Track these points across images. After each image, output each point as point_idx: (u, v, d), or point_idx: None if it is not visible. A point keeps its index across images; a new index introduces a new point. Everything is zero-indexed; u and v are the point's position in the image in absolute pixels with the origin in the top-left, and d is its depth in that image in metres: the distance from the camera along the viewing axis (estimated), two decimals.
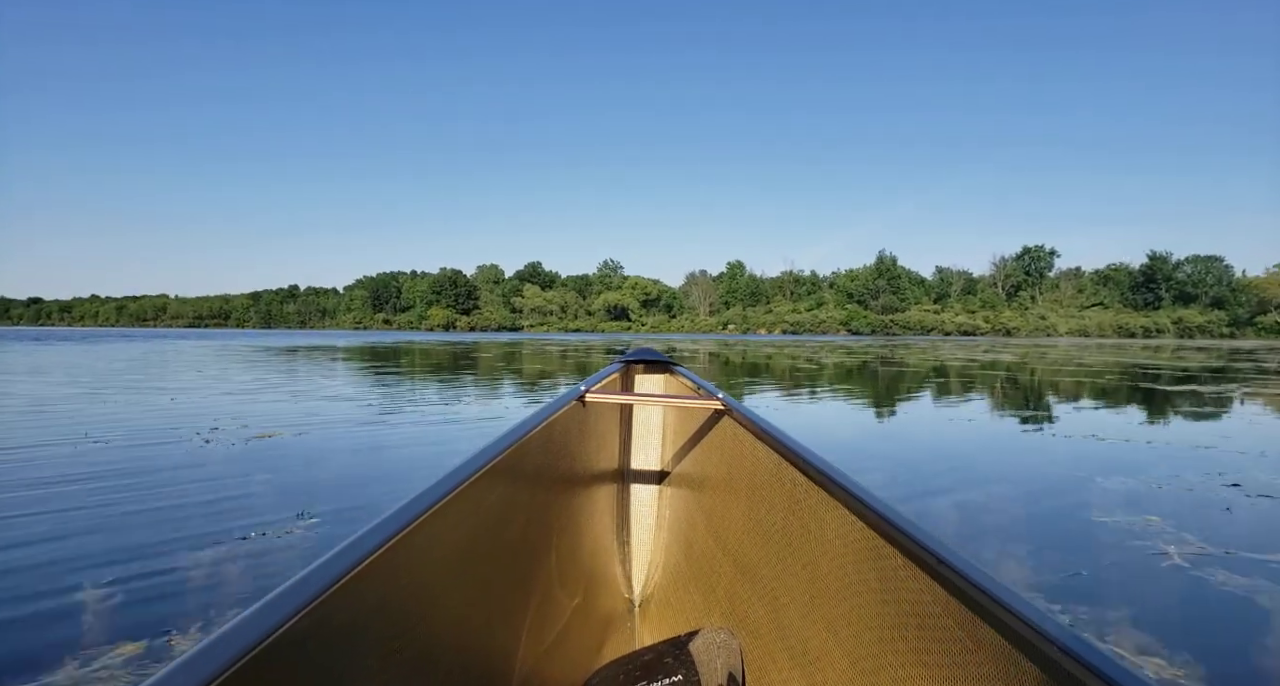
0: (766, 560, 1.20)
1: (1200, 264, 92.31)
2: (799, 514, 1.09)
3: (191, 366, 12.89)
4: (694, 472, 1.67)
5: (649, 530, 1.89)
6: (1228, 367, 15.19)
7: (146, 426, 5.25)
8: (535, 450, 1.20)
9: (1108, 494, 3.27)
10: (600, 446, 1.71)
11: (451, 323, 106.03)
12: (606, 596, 1.63)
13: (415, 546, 0.76)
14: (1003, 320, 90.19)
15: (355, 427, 5.28)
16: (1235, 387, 9.64)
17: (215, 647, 0.51)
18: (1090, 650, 0.57)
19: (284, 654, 0.55)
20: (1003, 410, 6.80)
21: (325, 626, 0.61)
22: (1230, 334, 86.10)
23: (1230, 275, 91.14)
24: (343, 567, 0.64)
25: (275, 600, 0.57)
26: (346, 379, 10.26)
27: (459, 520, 0.88)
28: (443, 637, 0.84)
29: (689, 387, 1.85)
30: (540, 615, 1.19)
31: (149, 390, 8.17)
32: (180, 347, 22.78)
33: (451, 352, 20.22)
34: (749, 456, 1.32)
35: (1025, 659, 0.61)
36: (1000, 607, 0.65)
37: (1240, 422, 6.02)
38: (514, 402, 7.15)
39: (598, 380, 1.72)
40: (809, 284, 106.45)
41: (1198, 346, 39.37)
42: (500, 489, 1.03)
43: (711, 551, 1.46)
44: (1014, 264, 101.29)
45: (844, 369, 13.94)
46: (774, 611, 1.14)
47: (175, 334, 56.64)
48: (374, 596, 0.69)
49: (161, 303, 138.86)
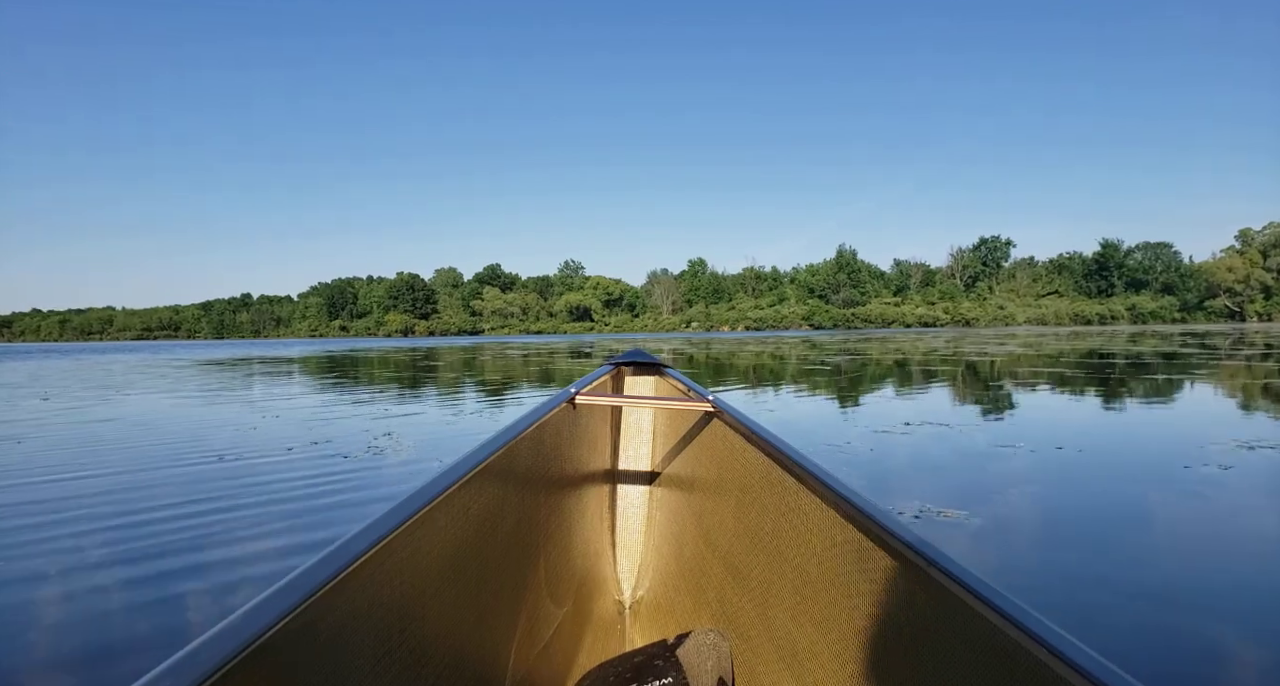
0: (756, 562, 1.20)
1: (1150, 251, 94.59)
2: (788, 516, 1.10)
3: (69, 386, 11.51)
4: (684, 475, 1.67)
5: (639, 532, 1.88)
6: (1178, 353, 14.80)
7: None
8: (525, 452, 1.21)
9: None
10: (591, 449, 1.68)
11: (410, 328, 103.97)
12: (597, 598, 1.63)
13: (405, 549, 0.77)
14: (962, 311, 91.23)
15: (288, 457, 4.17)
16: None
17: (202, 651, 0.50)
18: (1078, 651, 0.57)
19: (272, 657, 0.55)
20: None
21: (315, 629, 0.60)
22: (1181, 319, 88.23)
23: (1178, 261, 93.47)
24: (332, 570, 0.63)
25: (263, 603, 0.57)
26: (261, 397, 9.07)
27: (449, 522, 0.89)
28: (433, 640, 0.84)
29: (679, 390, 1.82)
30: (531, 618, 1.20)
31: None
32: (93, 362, 21.12)
33: (409, 360, 18.92)
34: (739, 458, 1.32)
35: (1014, 659, 0.62)
36: (989, 608, 0.65)
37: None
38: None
39: (588, 382, 1.68)
40: (770, 280, 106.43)
41: (1152, 331, 39.81)
42: (490, 491, 1.04)
43: (702, 553, 1.46)
44: (971, 255, 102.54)
45: (878, 366, 13.11)
46: (764, 612, 1.15)
47: (115, 347, 53.81)
48: (364, 599, 0.69)
49: (108, 315, 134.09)
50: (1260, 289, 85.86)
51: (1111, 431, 4.97)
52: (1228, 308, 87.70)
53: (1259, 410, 5.96)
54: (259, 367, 16.73)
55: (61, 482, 3.81)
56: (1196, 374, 9.71)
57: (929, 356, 16.26)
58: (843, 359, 15.71)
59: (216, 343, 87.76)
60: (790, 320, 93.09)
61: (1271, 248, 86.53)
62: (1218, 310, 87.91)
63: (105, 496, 3.44)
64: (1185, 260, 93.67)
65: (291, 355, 25.04)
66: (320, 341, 71.49)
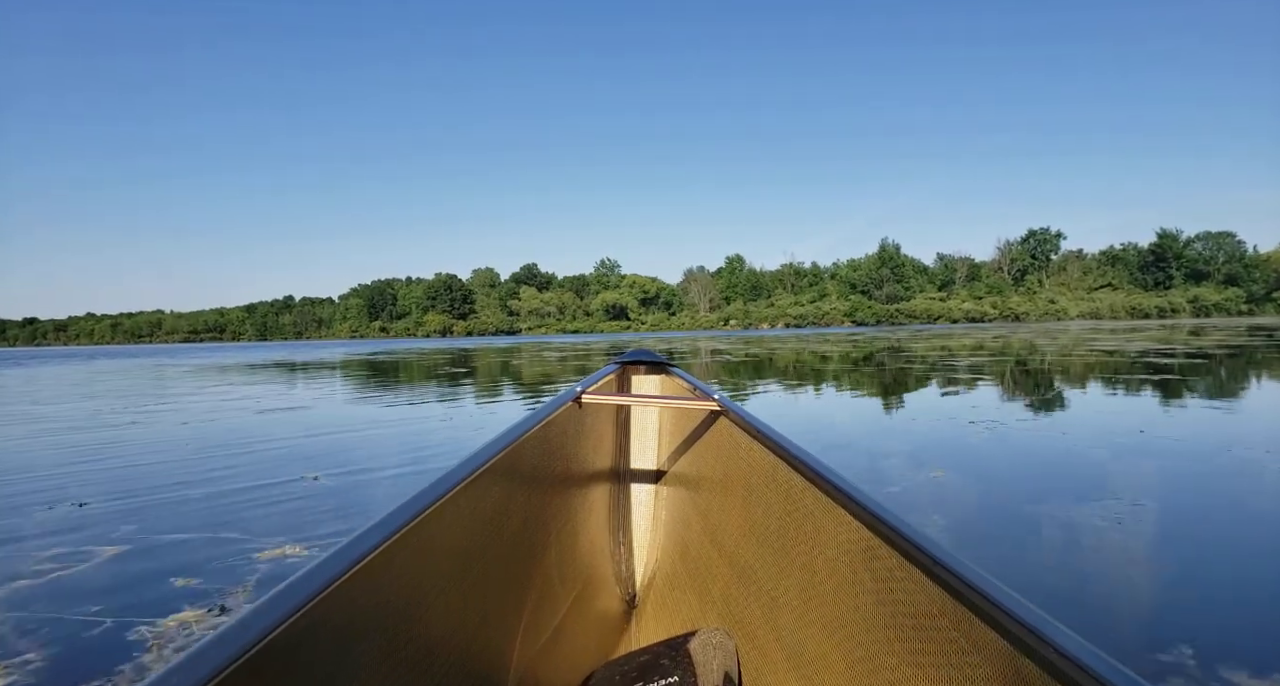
0: (762, 561, 1.20)
1: (1211, 240, 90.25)
2: (795, 515, 1.10)
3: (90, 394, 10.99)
4: (690, 473, 1.66)
5: (645, 531, 1.88)
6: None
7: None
8: (531, 451, 1.21)
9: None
10: (596, 447, 1.69)
11: (448, 328, 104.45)
12: (603, 597, 1.62)
13: (412, 547, 0.77)
14: (1010, 306, 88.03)
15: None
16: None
17: (212, 648, 0.51)
18: (1089, 653, 0.56)
19: (281, 654, 0.55)
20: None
21: (322, 627, 0.61)
22: (1249, 311, 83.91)
23: (1243, 250, 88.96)
24: (340, 568, 0.64)
25: (273, 600, 0.57)
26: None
27: (456, 521, 0.89)
28: (440, 638, 0.85)
29: (685, 389, 1.82)
30: (537, 616, 1.20)
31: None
32: (132, 367, 20.89)
33: (449, 358, 18.21)
34: (745, 457, 1.32)
35: (1023, 660, 0.61)
36: (997, 609, 0.64)
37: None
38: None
39: (594, 381, 1.69)
40: (810, 276, 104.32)
41: (1222, 324, 37.15)
42: (497, 490, 1.04)
43: (708, 552, 1.45)
44: (1019, 248, 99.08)
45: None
46: (770, 612, 1.14)
47: (164, 351, 54.53)
48: (371, 597, 0.70)
49: (157, 318, 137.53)
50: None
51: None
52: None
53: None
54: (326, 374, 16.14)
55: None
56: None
57: (1094, 355, 14.89)
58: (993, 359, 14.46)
59: (263, 344, 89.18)
60: (832, 317, 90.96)
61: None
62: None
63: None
64: (1250, 250, 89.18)
65: (338, 358, 24.57)
66: (361, 343, 71.88)
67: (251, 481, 3.75)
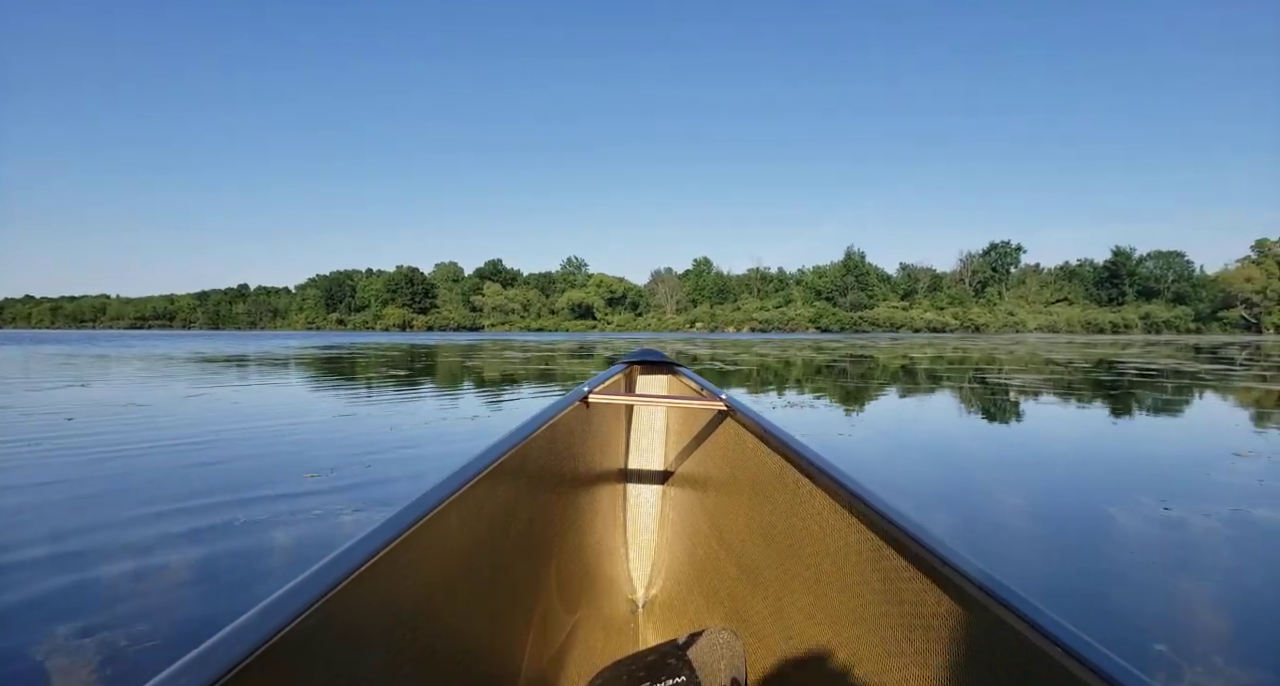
0: (769, 561, 1.20)
1: (1162, 259, 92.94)
2: (802, 515, 1.10)
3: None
4: (697, 474, 1.65)
5: (652, 531, 1.88)
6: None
7: None
8: (539, 451, 1.21)
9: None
10: (603, 447, 1.69)
11: (408, 322, 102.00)
12: (610, 597, 1.62)
13: (419, 547, 0.77)
14: (971, 316, 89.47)
15: None
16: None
17: (218, 648, 0.51)
18: (1096, 652, 0.56)
19: (286, 655, 0.55)
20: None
21: (329, 626, 0.61)
22: (1196, 329, 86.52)
23: (1190, 270, 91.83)
24: (347, 568, 0.64)
25: (279, 600, 0.57)
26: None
27: (463, 521, 0.89)
28: (447, 638, 0.85)
29: (692, 388, 1.82)
30: (543, 616, 1.20)
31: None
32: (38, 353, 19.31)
33: (390, 359, 17.10)
34: (752, 457, 1.32)
35: (1030, 661, 0.61)
36: (1005, 609, 0.64)
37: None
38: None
39: (601, 381, 1.68)
40: (777, 281, 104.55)
41: (1166, 341, 37.97)
42: (504, 490, 1.04)
43: (715, 552, 1.45)
44: (980, 260, 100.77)
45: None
46: (777, 613, 1.15)
47: (102, 337, 51.32)
48: (377, 597, 0.69)
49: (101, 303, 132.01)
50: (1277, 300, 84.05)
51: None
52: (1244, 318, 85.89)
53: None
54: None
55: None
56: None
57: (1057, 364, 14.54)
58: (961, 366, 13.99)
59: (214, 333, 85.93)
60: (797, 322, 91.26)
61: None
62: (1233, 321, 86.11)
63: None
64: (1197, 270, 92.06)
65: (279, 353, 23.17)
66: (317, 335, 69.44)
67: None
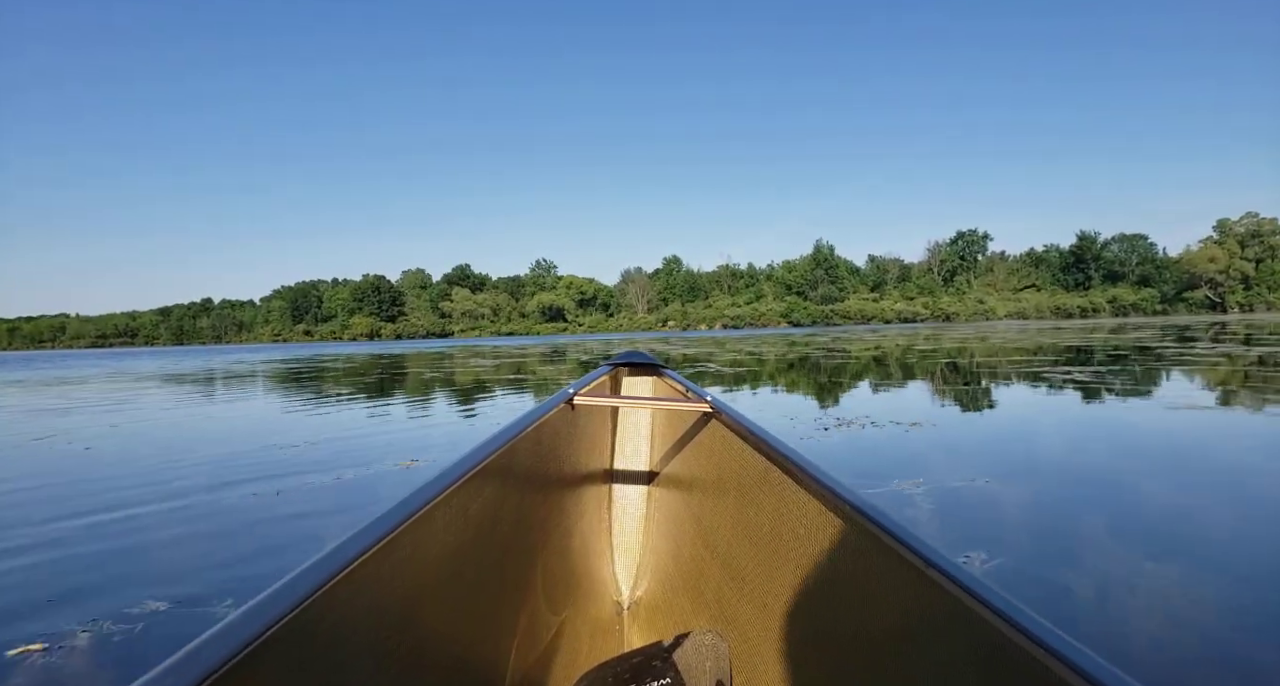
0: (755, 563, 1.20)
1: (1126, 242, 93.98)
2: (787, 516, 1.10)
3: None
4: (682, 475, 1.66)
5: (638, 533, 1.87)
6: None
7: None
8: (524, 453, 1.22)
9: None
10: (589, 449, 1.69)
11: (376, 331, 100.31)
12: (595, 599, 1.63)
13: (404, 549, 0.77)
14: (941, 306, 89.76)
15: None
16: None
17: (202, 650, 0.51)
18: (1080, 653, 0.56)
19: (270, 657, 0.55)
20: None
21: (313, 630, 0.60)
22: (1163, 310, 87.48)
23: (1154, 253, 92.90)
24: (331, 570, 0.63)
25: (262, 602, 0.57)
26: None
27: (448, 523, 0.89)
28: (432, 641, 0.85)
29: (678, 390, 1.83)
30: (529, 618, 1.20)
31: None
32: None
33: (347, 370, 16.08)
34: (737, 459, 1.33)
35: (1014, 662, 0.61)
36: (988, 610, 0.65)
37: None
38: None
39: (586, 383, 1.69)
40: (747, 277, 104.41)
41: (1137, 323, 37.94)
42: (489, 492, 1.04)
43: (700, 554, 1.45)
44: (948, 249, 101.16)
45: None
46: (762, 614, 1.15)
47: (60, 357, 49.45)
48: (363, 599, 0.69)
49: (60, 322, 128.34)
50: (1240, 279, 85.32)
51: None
52: (1209, 298, 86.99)
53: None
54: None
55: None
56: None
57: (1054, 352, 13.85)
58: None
59: (177, 348, 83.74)
60: (769, 317, 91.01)
61: (1250, 238, 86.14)
62: (1198, 301, 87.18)
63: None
64: (1160, 252, 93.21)
65: (236, 368, 22.03)
66: (283, 347, 67.80)
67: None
